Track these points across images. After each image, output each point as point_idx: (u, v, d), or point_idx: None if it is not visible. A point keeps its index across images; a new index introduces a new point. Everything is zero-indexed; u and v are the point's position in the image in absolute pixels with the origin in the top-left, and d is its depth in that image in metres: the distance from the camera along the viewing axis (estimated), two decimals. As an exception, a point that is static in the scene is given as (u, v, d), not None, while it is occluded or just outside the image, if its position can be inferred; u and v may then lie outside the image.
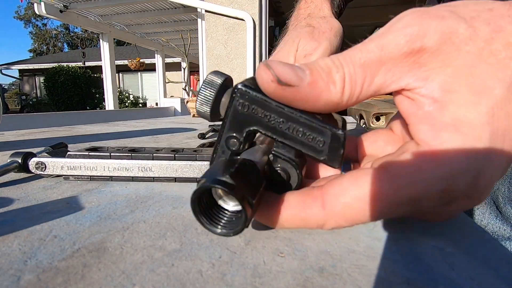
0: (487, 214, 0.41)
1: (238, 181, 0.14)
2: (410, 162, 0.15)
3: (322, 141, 0.16)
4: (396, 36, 0.15)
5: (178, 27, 4.50)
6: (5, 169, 0.28)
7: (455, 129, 0.14)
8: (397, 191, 0.15)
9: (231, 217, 0.15)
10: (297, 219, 0.17)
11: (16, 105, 12.43)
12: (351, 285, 0.14)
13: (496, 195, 0.40)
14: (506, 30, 0.14)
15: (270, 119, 0.16)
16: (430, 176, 0.14)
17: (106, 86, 4.65)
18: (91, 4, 3.69)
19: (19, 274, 0.14)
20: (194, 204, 0.14)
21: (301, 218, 0.16)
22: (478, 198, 0.15)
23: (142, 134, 0.68)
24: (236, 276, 0.14)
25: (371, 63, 0.15)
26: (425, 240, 0.18)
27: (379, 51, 0.15)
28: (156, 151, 0.29)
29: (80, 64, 10.24)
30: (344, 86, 0.16)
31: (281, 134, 0.17)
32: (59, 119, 2.47)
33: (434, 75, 0.15)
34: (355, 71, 0.16)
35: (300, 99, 0.16)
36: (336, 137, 0.16)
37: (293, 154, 0.17)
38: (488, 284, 0.14)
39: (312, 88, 0.16)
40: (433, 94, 0.15)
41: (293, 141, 0.17)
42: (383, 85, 0.16)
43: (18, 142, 0.55)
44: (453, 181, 0.14)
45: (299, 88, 0.15)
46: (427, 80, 0.15)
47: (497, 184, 0.39)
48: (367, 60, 0.15)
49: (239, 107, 0.17)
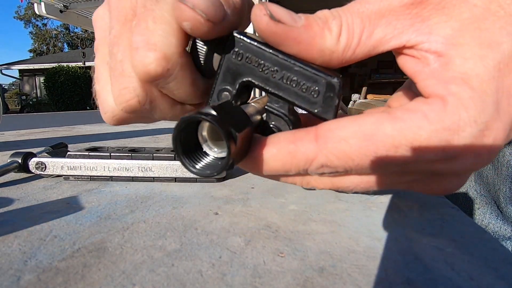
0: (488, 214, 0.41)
1: (222, 113, 0.13)
2: (415, 109, 0.14)
3: (316, 91, 0.16)
4: None
5: (178, 27, 4.50)
6: (5, 169, 0.28)
7: (463, 81, 0.14)
8: (400, 133, 0.14)
9: (215, 162, 0.14)
10: (285, 154, 0.15)
11: (16, 105, 12.44)
12: (351, 285, 0.14)
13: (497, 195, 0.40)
14: None
15: (264, 68, 0.16)
16: (436, 124, 0.13)
17: (106, 86, 4.65)
18: (91, 4, 3.69)
19: (19, 274, 0.14)
20: (176, 141, 0.13)
21: (289, 151, 0.15)
22: (488, 157, 0.14)
23: (142, 134, 0.68)
24: (236, 276, 0.14)
25: (370, 14, 0.15)
26: (425, 240, 0.18)
27: (378, 2, 0.15)
28: (156, 151, 0.29)
29: (80, 64, 10.25)
30: (340, 33, 0.15)
31: (275, 85, 0.16)
32: (59, 119, 2.48)
33: (438, 29, 0.14)
34: (353, 20, 0.15)
35: (293, 40, 0.15)
36: (330, 86, 0.15)
37: (287, 110, 0.17)
38: (488, 284, 0.14)
39: (306, 30, 0.15)
40: (437, 48, 0.14)
41: (286, 92, 0.16)
42: (382, 39, 0.15)
43: (18, 142, 0.55)
44: (459, 132, 0.13)
45: (292, 28, 0.15)
46: (430, 35, 0.14)
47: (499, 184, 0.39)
48: (365, 11, 0.15)
49: (233, 56, 0.16)
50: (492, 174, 0.39)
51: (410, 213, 0.22)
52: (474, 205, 0.42)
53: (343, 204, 0.24)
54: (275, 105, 0.17)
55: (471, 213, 0.42)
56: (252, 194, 0.26)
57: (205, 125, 0.14)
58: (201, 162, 0.14)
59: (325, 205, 0.24)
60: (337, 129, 0.15)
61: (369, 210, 0.23)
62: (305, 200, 0.24)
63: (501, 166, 0.38)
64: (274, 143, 0.15)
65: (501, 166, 0.37)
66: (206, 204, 0.24)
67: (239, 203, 0.24)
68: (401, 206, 0.23)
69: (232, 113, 0.14)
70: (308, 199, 0.25)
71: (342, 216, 0.21)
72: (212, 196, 0.25)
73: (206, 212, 0.22)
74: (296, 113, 0.17)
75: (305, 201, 0.24)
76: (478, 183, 0.42)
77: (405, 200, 0.25)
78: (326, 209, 0.23)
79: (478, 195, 0.42)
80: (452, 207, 0.23)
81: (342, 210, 0.23)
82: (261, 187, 0.28)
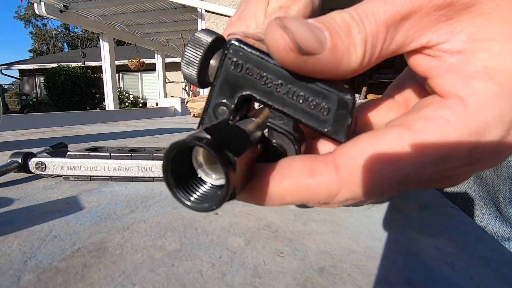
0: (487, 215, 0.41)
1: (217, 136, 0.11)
2: (435, 117, 0.13)
3: (326, 108, 0.14)
4: None
5: (178, 27, 4.50)
6: (5, 169, 0.28)
7: (488, 77, 0.12)
8: (424, 149, 0.13)
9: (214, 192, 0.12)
10: (303, 189, 0.13)
11: (16, 105, 12.44)
12: (351, 285, 0.14)
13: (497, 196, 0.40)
14: None
15: (266, 81, 0.14)
16: (461, 130, 0.13)
17: (106, 86, 4.66)
18: (91, 4, 3.69)
19: (19, 274, 0.14)
20: (167, 172, 0.11)
21: (308, 186, 0.13)
22: (506, 155, 0.14)
23: (142, 134, 0.68)
24: (236, 276, 0.14)
25: (396, 17, 0.13)
26: (425, 240, 0.18)
27: (408, 2, 0.13)
28: (156, 151, 0.29)
29: (80, 64, 10.25)
30: (365, 49, 0.13)
31: (279, 100, 0.14)
32: (59, 119, 2.48)
33: (461, 27, 0.13)
34: (377, 28, 0.13)
35: (320, 70, 0.13)
36: (343, 103, 0.14)
37: (291, 127, 0.15)
38: (488, 284, 0.14)
39: (332, 54, 0.13)
40: (458, 47, 0.13)
41: (292, 108, 0.14)
42: (403, 43, 0.14)
43: (18, 142, 0.55)
44: (485, 135, 0.13)
45: (320, 57, 0.13)
46: (452, 34, 0.13)
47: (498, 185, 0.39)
48: (393, 14, 0.13)
49: (231, 67, 0.14)
50: (491, 175, 0.39)
51: (410, 213, 0.22)
52: (473, 206, 0.42)
53: (343, 204, 0.24)
54: (279, 122, 0.15)
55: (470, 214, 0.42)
56: (252, 194, 0.26)
57: (199, 150, 0.12)
58: (197, 192, 0.12)
59: (325, 205, 0.24)
60: (358, 156, 0.13)
61: (369, 210, 0.23)
62: (305, 200, 0.24)
63: (501, 167, 0.37)
64: (289, 176, 0.13)
65: (501, 167, 0.37)
66: (206, 204, 0.24)
67: (239, 203, 0.24)
68: (401, 206, 0.23)
69: (229, 133, 0.13)
70: (308, 199, 0.25)
71: (342, 216, 0.21)
72: (212, 196, 0.25)
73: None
74: (300, 129, 0.16)
75: (305, 201, 0.24)
76: (477, 184, 0.42)
77: (405, 200, 0.25)
78: (326, 209, 0.23)
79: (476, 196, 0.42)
80: (452, 207, 0.23)
81: (342, 210, 0.23)
82: (261, 187, 0.28)
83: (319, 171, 0.13)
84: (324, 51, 0.13)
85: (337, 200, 0.14)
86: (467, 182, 0.42)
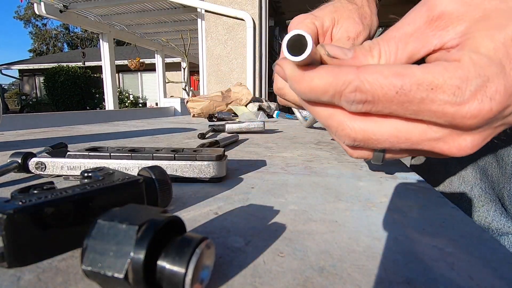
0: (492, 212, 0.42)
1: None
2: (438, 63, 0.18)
3: None
4: (420, 10, 0.19)
5: (178, 27, 4.50)
6: (5, 169, 0.28)
7: (473, 51, 0.17)
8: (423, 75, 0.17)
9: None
10: (329, 73, 0.19)
11: (16, 105, 12.44)
12: (351, 285, 0.14)
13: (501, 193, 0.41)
14: None
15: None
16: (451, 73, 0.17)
17: (106, 86, 4.66)
18: (91, 4, 3.69)
19: (19, 274, 0.14)
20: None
21: (333, 72, 0.19)
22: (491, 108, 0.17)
23: (142, 134, 0.68)
24: (236, 276, 0.14)
25: (401, 36, 0.20)
26: (425, 240, 0.18)
27: (406, 26, 0.20)
28: (156, 151, 0.29)
29: (80, 64, 10.25)
30: (380, 56, 0.20)
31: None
32: (59, 119, 2.48)
33: (453, 29, 0.18)
34: (388, 45, 0.20)
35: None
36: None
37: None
38: (488, 284, 0.14)
39: (353, 61, 0.20)
40: (455, 42, 0.18)
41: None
42: (414, 51, 0.19)
43: (18, 142, 0.55)
44: (467, 81, 0.17)
45: (343, 61, 0.20)
46: (449, 36, 0.19)
47: (503, 182, 0.39)
48: (397, 35, 0.20)
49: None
50: (497, 172, 0.40)
51: (410, 213, 0.22)
52: (479, 202, 0.43)
53: (343, 204, 0.24)
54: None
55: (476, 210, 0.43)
56: (252, 194, 0.26)
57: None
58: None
59: (325, 205, 0.24)
60: (375, 65, 0.18)
61: (369, 210, 0.23)
62: (305, 200, 0.24)
63: (505, 165, 0.38)
64: (324, 66, 0.19)
65: (506, 165, 0.38)
66: (206, 204, 0.24)
67: (239, 203, 0.24)
68: (401, 206, 0.23)
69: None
70: (308, 199, 0.25)
71: (342, 216, 0.21)
72: (212, 196, 0.25)
73: (206, 212, 0.22)
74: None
75: (305, 201, 0.24)
76: (483, 181, 0.42)
77: (405, 200, 0.25)
78: (326, 209, 0.23)
79: (483, 193, 0.43)
80: (452, 207, 0.23)
81: (342, 210, 0.23)
82: (261, 187, 0.28)
83: (345, 67, 0.19)
84: (347, 57, 0.20)
85: (349, 88, 0.18)
86: (474, 179, 0.44)
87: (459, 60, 0.17)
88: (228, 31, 2.64)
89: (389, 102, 0.18)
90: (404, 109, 0.18)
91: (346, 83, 0.18)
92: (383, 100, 0.18)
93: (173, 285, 0.12)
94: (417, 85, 0.17)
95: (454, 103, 0.17)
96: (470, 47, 0.17)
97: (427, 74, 0.17)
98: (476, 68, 0.17)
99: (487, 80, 0.17)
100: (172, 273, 0.12)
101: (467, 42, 0.18)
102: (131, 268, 0.11)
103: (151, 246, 0.12)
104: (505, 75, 0.17)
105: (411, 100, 0.18)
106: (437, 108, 0.18)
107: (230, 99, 1.34)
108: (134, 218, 0.13)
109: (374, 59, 0.20)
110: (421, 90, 0.17)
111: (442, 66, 0.17)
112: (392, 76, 0.18)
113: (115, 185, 0.18)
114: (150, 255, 0.12)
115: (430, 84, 0.17)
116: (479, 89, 0.17)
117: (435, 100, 0.17)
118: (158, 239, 0.12)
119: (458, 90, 0.17)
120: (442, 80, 0.17)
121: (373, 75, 0.18)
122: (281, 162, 0.39)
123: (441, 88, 0.17)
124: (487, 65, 0.17)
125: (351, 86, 0.18)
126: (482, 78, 0.17)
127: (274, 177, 0.32)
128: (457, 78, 0.17)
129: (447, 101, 0.17)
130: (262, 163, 0.38)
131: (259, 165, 0.37)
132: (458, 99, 0.17)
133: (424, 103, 0.18)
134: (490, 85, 0.17)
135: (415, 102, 0.18)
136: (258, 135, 0.67)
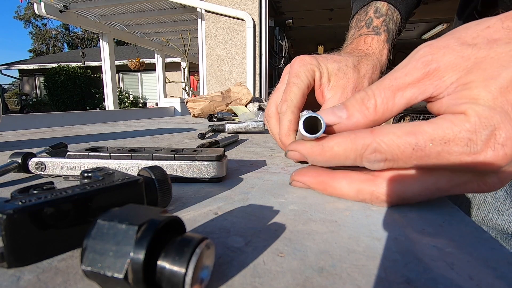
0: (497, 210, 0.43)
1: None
2: (446, 118, 0.19)
3: None
4: (416, 64, 0.21)
5: (178, 27, 4.50)
6: (5, 169, 0.28)
7: (473, 102, 0.18)
8: (434, 131, 0.19)
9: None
10: (347, 140, 0.21)
11: (16, 105, 12.44)
12: (351, 285, 0.14)
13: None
14: (502, 39, 0.19)
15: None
16: (459, 127, 0.18)
17: (106, 86, 4.66)
18: (91, 4, 3.69)
19: (19, 274, 0.14)
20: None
21: (350, 138, 0.21)
22: (504, 152, 0.18)
23: (142, 134, 0.68)
24: (236, 276, 0.14)
25: (399, 85, 0.21)
26: (425, 240, 0.18)
27: (403, 77, 0.21)
28: (156, 151, 0.29)
29: (80, 64, 10.24)
30: (376, 106, 0.21)
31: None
32: (59, 119, 2.47)
33: (448, 79, 0.20)
34: (385, 94, 0.21)
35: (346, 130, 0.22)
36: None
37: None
38: (487, 284, 0.14)
39: (350, 120, 0.22)
40: (451, 91, 0.19)
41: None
42: (412, 97, 0.21)
43: (18, 142, 0.55)
44: (476, 133, 0.18)
45: (341, 125, 0.22)
46: (445, 86, 0.20)
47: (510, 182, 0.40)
48: (394, 84, 0.21)
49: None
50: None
51: (410, 213, 0.22)
52: (503, 206, 0.43)
53: (343, 204, 0.24)
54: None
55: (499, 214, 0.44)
56: (252, 194, 0.26)
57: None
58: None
59: (325, 205, 0.24)
60: (387, 127, 0.20)
61: (369, 210, 0.23)
62: (305, 200, 0.24)
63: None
64: (339, 134, 0.21)
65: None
66: (206, 204, 0.24)
67: (239, 203, 0.24)
68: (401, 206, 0.23)
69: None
70: (308, 199, 0.25)
71: (342, 216, 0.21)
72: (212, 196, 0.25)
73: (206, 212, 0.22)
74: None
75: (305, 201, 0.24)
76: (508, 184, 0.43)
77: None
78: (326, 209, 0.23)
79: (508, 196, 0.43)
80: (452, 207, 0.23)
81: (342, 210, 0.23)
82: (261, 187, 0.28)
83: (359, 131, 0.21)
84: (342, 120, 0.22)
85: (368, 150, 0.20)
86: None
87: (463, 113, 0.18)
88: (228, 31, 2.64)
89: (409, 158, 0.19)
90: (424, 162, 0.19)
91: (365, 147, 0.20)
92: (402, 157, 0.19)
93: (173, 285, 0.12)
94: (431, 140, 0.18)
95: (470, 153, 0.18)
96: (469, 98, 0.18)
97: (437, 130, 0.18)
98: (481, 119, 0.18)
99: (495, 129, 0.17)
100: (172, 273, 0.12)
101: (463, 92, 0.19)
102: (130, 268, 0.11)
103: (151, 246, 0.12)
104: (510, 120, 0.17)
105: (429, 154, 0.19)
106: (455, 158, 0.18)
107: (230, 99, 1.34)
108: (134, 218, 0.13)
109: (369, 111, 0.21)
110: (435, 145, 0.18)
111: (449, 121, 0.18)
112: (405, 135, 0.19)
113: (115, 185, 0.18)
114: (150, 255, 0.12)
115: (443, 139, 0.18)
116: (489, 139, 0.18)
117: (451, 152, 0.18)
118: (158, 239, 0.12)
119: (470, 141, 0.18)
120: (453, 134, 0.18)
121: (388, 136, 0.19)
122: (281, 162, 0.39)
123: (453, 141, 0.18)
124: (490, 115, 0.17)
125: (370, 148, 0.20)
126: (489, 128, 0.17)
127: (274, 177, 0.32)
128: (466, 131, 0.18)
129: (462, 152, 0.18)
130: (262, 163, 0.38)
131: (259, 165, 0.37)
132: (472, 149, 0.18)
133: (441, 155, 0.19)
134: (499, 133, 0.17)
135: (432, 155, 0.19)
136: (258, 135, 0.67)
